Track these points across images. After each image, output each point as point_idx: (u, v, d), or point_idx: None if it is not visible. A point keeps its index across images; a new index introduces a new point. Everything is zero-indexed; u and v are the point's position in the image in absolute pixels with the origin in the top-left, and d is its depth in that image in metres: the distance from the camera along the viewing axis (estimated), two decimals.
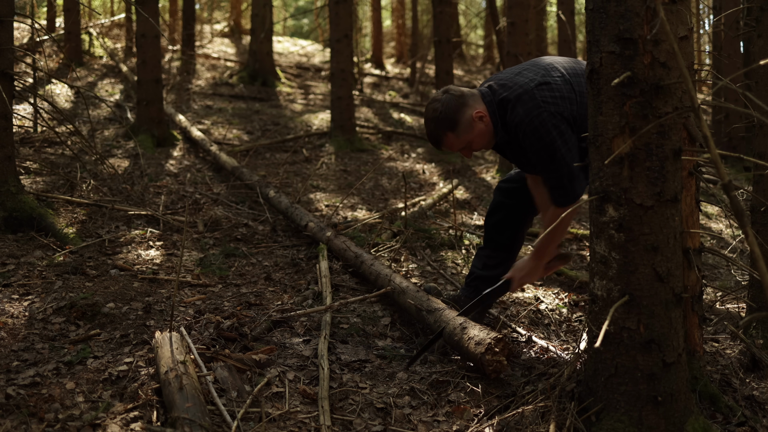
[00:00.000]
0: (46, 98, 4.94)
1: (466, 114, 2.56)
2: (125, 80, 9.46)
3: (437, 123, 2.57)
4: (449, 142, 2.61)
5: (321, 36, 18.51)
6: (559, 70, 2.59)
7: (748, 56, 3.16)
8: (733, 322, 3.15)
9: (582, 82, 2.57)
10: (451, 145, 2.63)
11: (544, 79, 2.53)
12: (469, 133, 2.58)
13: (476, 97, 2.60)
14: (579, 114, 2.52)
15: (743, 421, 2.08)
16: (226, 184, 5.58)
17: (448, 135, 2.59)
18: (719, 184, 3.98)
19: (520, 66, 2.69)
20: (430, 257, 4.02)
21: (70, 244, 3.82)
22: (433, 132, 2.60)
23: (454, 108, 2.55)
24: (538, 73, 2.57)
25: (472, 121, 2.56)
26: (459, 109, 2.55)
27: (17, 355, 2.49)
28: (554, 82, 2.53)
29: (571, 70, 2.61)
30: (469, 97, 2.58)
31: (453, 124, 2.56)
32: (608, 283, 1.91)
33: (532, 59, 2.75)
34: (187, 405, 1.98)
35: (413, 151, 7.83)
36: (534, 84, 2.52)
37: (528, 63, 2.71)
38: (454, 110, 2.55)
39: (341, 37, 7.51)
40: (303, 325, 2.93)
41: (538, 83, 2.52)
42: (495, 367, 2.42)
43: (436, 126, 2.58)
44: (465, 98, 2.57)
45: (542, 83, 2.52)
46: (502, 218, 2.95)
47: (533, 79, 2.54)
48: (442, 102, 2.56)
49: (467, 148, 2.64)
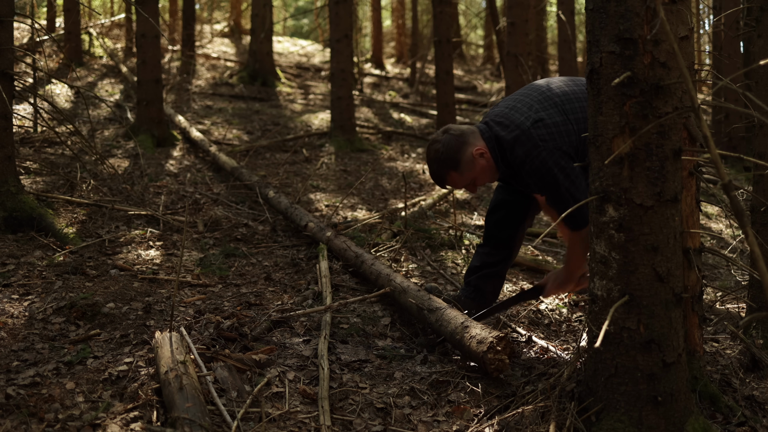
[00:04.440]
0: (46, 98, 4.94)
1: (467, 152, 2.61)
2: (125, 80, 9.46)
3: (440, 163, 2.63)
4: (453, 180, 2.67)
5: (321, 36, 18.51)
6: (552, 101, 2.60)
7: (748, 56, 3.16)
8: (733, 322, 3.15)
9: (577, 108, 2.58)
10: (454, 183, 2.69)
11: (539, 115, 2.55)
12: (471, 171, 2.64)
13: (476, 134, 2.65)
14: (579, 141, 2.54)
15: (743, 421, 2.08)
16: (226, 184, 5.58)
17: (452, 174, 2.65)
18: (719, 184, 3.98)
19: (515, 97, 2.71)
20: (430, 257, 4.02)
21: (70, 244, 3.82)
22: (437, 172, 2.67)
23: (455, 147, 2.61)
24: (533, 108, 2.59)
25: (473, 158, 2.62)
26: (460, 148, 2.61)
27: (17, 355, 2.49)
28: (549, 116, 2.55)
29: (565, 97, 2.62)
30: (469, 134, 2.64)
31: (455, 163, 2.61)
32: (608, 283, 1.91)
33: (528, 85, 2.78)
34: (187, 405, 1.98)
35: (413, 151, 7.83)
36: (530, 122, 2.54)
37: (523, 91, 2.73)
38: (455, 150, 2.61)
39: (341, 37, 7.51)
40: (303, 325, 2.93)
41: (534, 121, 2.54)
42: (497, 365, 2.42)
43: (439, 166, 2.64)
44: (465, 136, 2.63)
45: (537, 120, 2.54)
46: (503, 215, 2.96)
47: (528, 116, 2.56)
48: (443, 143, 2.62)
49: (471, 184, 2.70)
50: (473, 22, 17.34)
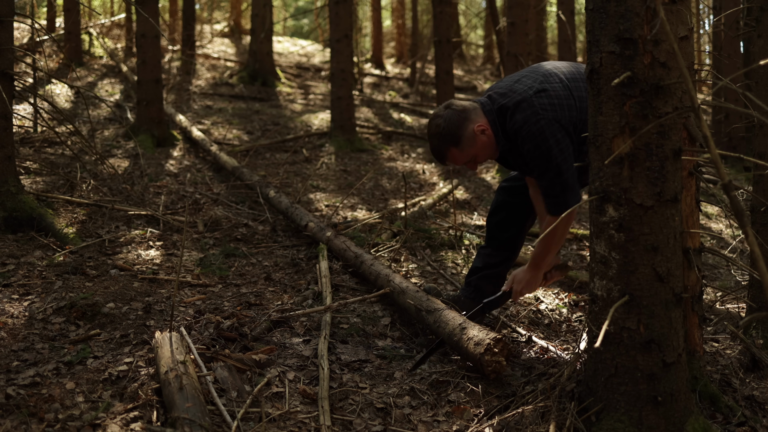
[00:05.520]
0: (46, 98, 4.94)
1: (469, 128, 2.59)
2: (125, 80, 9.46)
3: (440, 139, 2.61)
4: (453, 156, 2.65)
5: (321, 36, 18.51)
6: (558, 77, 2.60)
7: (748, 56, 3.16)
8: (733, 322, 3.15)
9: (581, 87, 2.58)
10: (455, 160, 2.67)
11: (542, 86, 2.55)
12: (472, 147, 2.61)
13: (477, 111, 2.63)
14: (579, 119, 2.53)
15: (743, 421, 2.08)
16: (226, 184, 5.58)
17: (452, 150, 2.62)
18: (719, 184, 3.98)
19: (519, 73, 2.71)
20: (430, 257, 4.02)
21: (70, 244, 3.82)
22: (437, 147, 2.64)
23: (456, 123, 2.58)
24: (537, 80, 2.58)
25: (474, 134, 2.59)
26: (461, 124, 2.58)
27: (17, 355, 2.49)
28: (552, 89, 2.55)
29: (570, 75, 2.62)
30: (471, 111, 2.62)
31: (456, 139, 2.59)
32: (608, 283, 1.91)
33: (532, 65, 2.77)
34: (187, 405, 1.98)
35: (413, 151, 7.83)
36: (533, 91, 2.54)
37: (527, 69, 2.72)
38: (456, 125, 2.58)
39: (341, 37, 7.51)
40: (303, 325, 2.93)
41: (537, 90, 2.54)
42: (494, 367, 2.42)
43: (440, 142, 2.62)
44: (467, 113, 2.60)
45: (540, 90, 2.54)
46: (504, 217, 2.96)
47: (531, 86, 2.56)
48: (444, 118, 2.60)
49: (472, 161, 2.67)
50: (473, 22, 17.34)
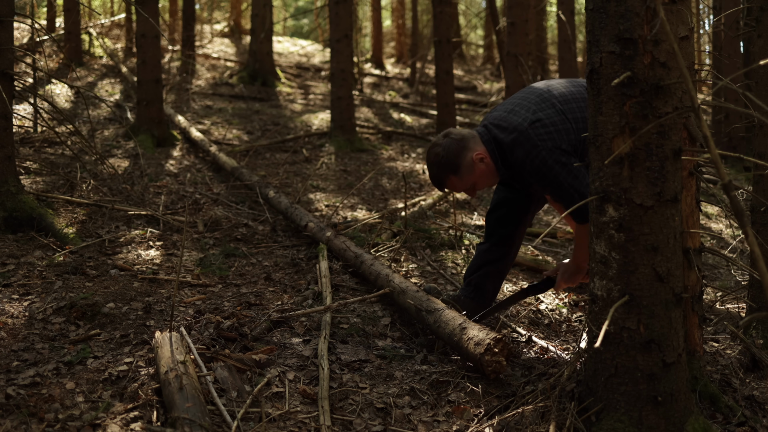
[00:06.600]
0: (46, 98, 4.94)
1: (467, 157, 2.62)
2: (125, 80, 9.46)
3: (439, 167, 2.65)
4: (452, 184, 2.69)
5: (321, 36, 18.51)
6: (550, 102, 2.62)
7: (748, 56, 3.16)
8: (733, 322, 3.15)
9: (576, 108, 2.61)
10: (454, 187, 2.71)
11: (536, 116, 2.57)
12: (471, 175, 2.65)
13: (476, 139, 2.66)
14: (578, 140, 2.56)
15: (743, 421, 2.08)
16: (226, 184, 5.58)
17: (451, 178, 2.66)
18: (719, 184, 3.98)
19: (513, 100, 2.74)
20: (430, 257, 4.02)
21: (70, 244, 3.82)
22: (436, 175, 2.68)
23: (455, 152, 2.62)
24: (530, 110, 2.61)
25: (473, 163, 2.63)
26: (460, 152, 2.62)
27: (17, 355, 2.49)
28: (547, 116, 2.57)
29: (563, 98, 2.64)
30: (470, 139, 2.65)
31: (455, 167, 2.63)
32: (608, 283, 1.91)
33: (527, 87, 2.80)
34: (187, 405, 1.98)
35: (413, 151, 7.83)
36: (527, 123, 2.56)
37: (520, 95, 2.75)
38: (455, 154, 2.62)
39: (341, 37, 7.51)
40: (303, 325, 2.93)
41: (531, 122, 2.56)
42: (494, 367, 2.42)
43: (439, 170, 2.66)
44: (465, 141, 2.64)
45: (535, 121, 2.56)
46: (504, 213, 2.97)
47: (526, 118, 2.58)
48: (443, 146, 2.64)
49: (471, 188, 2.71)
50: (473, 22, 17.34)
